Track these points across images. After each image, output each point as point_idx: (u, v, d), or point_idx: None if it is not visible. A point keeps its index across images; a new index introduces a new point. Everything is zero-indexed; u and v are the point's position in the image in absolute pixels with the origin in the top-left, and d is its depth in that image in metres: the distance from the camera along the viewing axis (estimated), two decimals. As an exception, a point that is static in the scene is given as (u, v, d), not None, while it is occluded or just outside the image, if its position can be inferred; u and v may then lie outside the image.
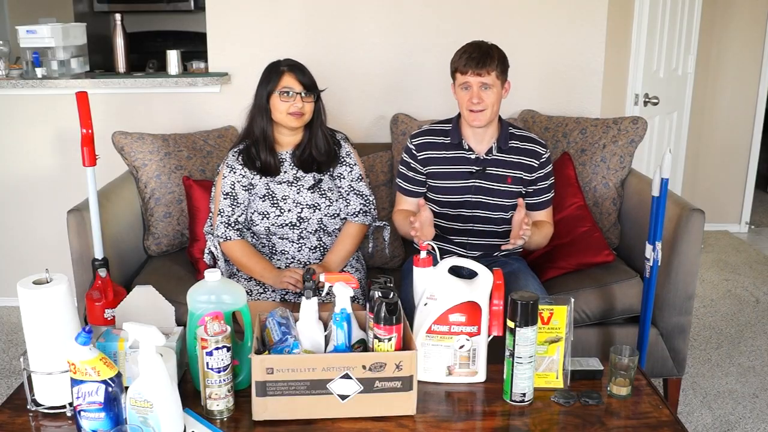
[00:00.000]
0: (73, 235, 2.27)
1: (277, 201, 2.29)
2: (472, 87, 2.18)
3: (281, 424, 1.55)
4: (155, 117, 3.11)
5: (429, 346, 1.73)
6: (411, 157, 2.34)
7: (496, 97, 2.20)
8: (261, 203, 2.29)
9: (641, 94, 3.49)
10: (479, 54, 2.16)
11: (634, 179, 2.68)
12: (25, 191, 3.27)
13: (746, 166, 4.56)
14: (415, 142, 2.34)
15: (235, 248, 2.29)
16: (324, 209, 2.30)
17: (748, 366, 2.92)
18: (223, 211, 2.28)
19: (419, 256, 1.79)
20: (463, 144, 2.30)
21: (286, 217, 2.28)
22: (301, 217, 2.29)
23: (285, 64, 2.27)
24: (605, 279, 2.40)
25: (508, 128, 2.31)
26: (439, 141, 2.32)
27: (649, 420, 1.59)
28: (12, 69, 3.23)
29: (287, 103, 2.23)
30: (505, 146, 2.29)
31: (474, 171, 2.29)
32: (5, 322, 3.29)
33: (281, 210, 2.28)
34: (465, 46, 2.22)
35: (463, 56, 2.19)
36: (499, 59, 2.18)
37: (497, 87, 2.19)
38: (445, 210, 2.34)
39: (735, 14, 4.31)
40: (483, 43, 2.22)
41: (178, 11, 5.28)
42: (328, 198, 2.31)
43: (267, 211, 2.29)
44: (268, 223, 2.29)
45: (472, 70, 2.16)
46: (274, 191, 2.30)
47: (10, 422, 1.56)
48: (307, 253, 2.33)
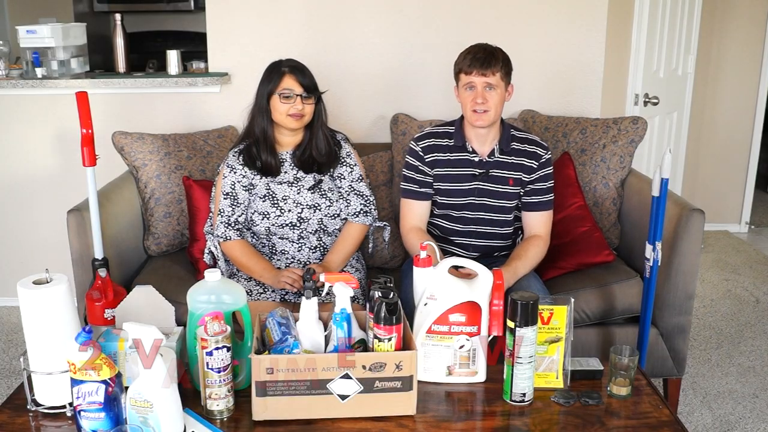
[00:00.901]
0: (73, 235, 2.27)
1: (277, 201, 2.29)
2: (476, 87, 2.18)
3: (281, 424, 1.55)
4: (155, 117, 3.11)
5: (429, 346, 1.73)
6: (418, 160, 2.33)
7: (500, 98, 2.20)
8: (261, 203, 2.29)
9: (641, 94, 3.49)
10: (484, 54, 2.17)
11: (634, 179, 2.68)
12: (25, 191, 3.27)
13: (746, 166, 4.56)
14: (422, 145, 2.33)
15: (234, 248, 2.29)
16: (324, 209, 2.30)
17: (748, 366, 2.92)
18: (223, 211, 2.29)
19: (419, 256, 1.79)
20: (466, 146, 2.29)
21: (286, 218, 2.28)
22: (302, 218, 2.29)
23: (286, 65, 2.26)
24: (605, 279, 2.40)
25: (510, 130, 2.31)
26: (443, 143, 2.31)
27: (649, 420, 1.59)
28: (12, 69, 3.23)
29: (287, 104, 2.23)
30: (507, 148, 2.28)
31: (477, 173, 2.28)
32: (5, 322, 3.29)
33: (281, 210, 2.28)
34: (469, 47, 2.23)
35: (468, 57, 2.19)
36: (503, 61, 2.19)
37: (501, 88, 2.19)
38: (448, 212, 2.34)
39: (735, 14, 4.31)
40: (487, 45, 2.22)
41: (178, 11, 5.28)
42: (328, 198, 2.31)
43: (267, 211, 2.29)
44: (269, 223, 2.29)
45: (476, 70, 2.16)
46: (274, 191, 2.30)
47: (10, 422, 1.56)
48: (307, 253, 2.33)
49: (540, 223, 2.31)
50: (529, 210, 2.31)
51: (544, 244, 2.29)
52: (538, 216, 2.31)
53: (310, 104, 2.26)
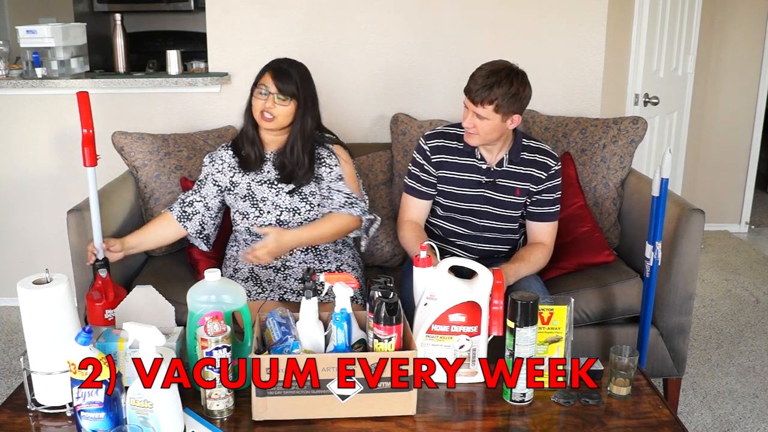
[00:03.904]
0: (73, 235, 2.27)
1: (257, 202, 2.28)
2: (468, 110, 2.13)
3: (281, 424, 1.55)
4: (155, 117, 3.11)
5: (429, 346, 1.73)
6: (425, 159, 2.31)
7: (490, 128, 2.11)
8: (242, 203, 2.29)
9: (641, 94, 3.49)
10: (482, 84, 2.06)
11: (634, 179, 2.68)
12: (25, 191, 3.27)
13: (746, 166, 4.56)
14: (431, 144, 2.30)
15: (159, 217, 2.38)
16: (304, 214, 2.27)
17: (748, 366, 2.92)
18: (186, 191, 2.39)
19: (419, 256, 1.79)
20: (475, 153, 2.26)
21: (265, 219, 2.27)
22: (281, 220, 2.27)
23: (274, 64, 2.26)
24: (605, 279, 2.40)
25: (522, 140, 2.26)
26: (453, 146, 2.28)
27: (649, 420, 1.59)
28: (12, 69, 3.23)
29: (260, 101, 2.23)
30: (516, 159, 2.25)
31: (484, 181, 2.27)
32: (5, 322, 3.29)
33: (260, 211, 2.28)
34: (483, 66, 2.12)
35: (471, 79, 2.11)
36: (503, 95, 2.05)
37: (495, 120, 2.09)
38: (451, 214, 2.33)
39: (735, 14, 4.31)
40: (501, 69, 2.08)
41: (178, 11, 5.28)
42: (309, 203, 2.28)
43: (247, 211, 2.28)
44: (248, 223, 2.28)
45: (468, 97, 2.11)
46: (254, 192, 2.29)
47: (10, 422, 1.56)
48: (287, 257, 2.30)
49: (545, 233, 2.29)
50: (534, 220, 2.30)
51: (548, 251, 2.29)
52: (543, 226, 2.29)
53: (284, 106, 2.22)
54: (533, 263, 2.22)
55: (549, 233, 2.30)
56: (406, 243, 2.29)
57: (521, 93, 2.09)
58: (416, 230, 2.29)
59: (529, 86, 2.13)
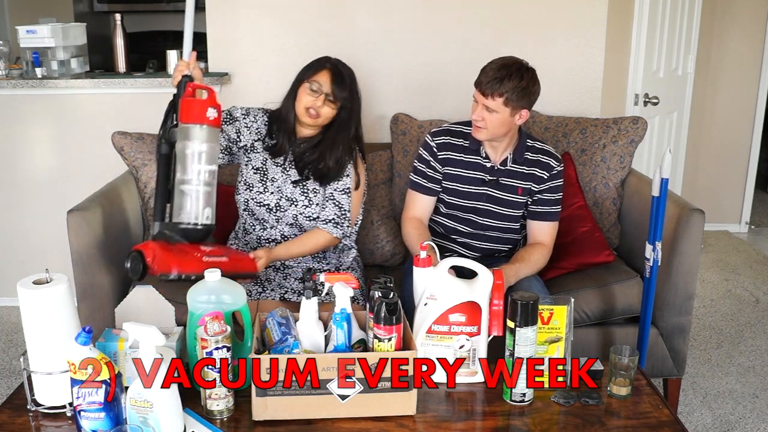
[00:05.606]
0: (73, 236, 2.26)
1: (266, 179, 2.28)
2: (477, 104, 2.15)
3: (281, 424, 1.55)
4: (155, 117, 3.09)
5: (429, 346, 1.73)
6: (431, 155, 2.32)
7: (499, 121, 2.13)
8: (252, 174, 2.28)
9: (641, 94, 3.49)
10: (492, 77, 2.08)
11: (634, 179, 2.68)
12: (25, 191, 3.27)
13: (746, 166, 4.56)
14: (437, 141, 2.31)
15: None
16: (300, 207, 2.27)
17: (748, 366, 2.92)
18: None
19: (419, 256, 1.79)
20: (480, 151, 2.27)
21: (265, 197, 2.27)
22: (279, 205, 2.27)
23: (333, 62, 2.25)
24: (605, 279, 2.40)
25: (526, 140, 2.28)
26: (459, 143, 2.30)
27: (649, 420, 1.59)
28: (12, 69, 3.23)
29: (311, 97, 2.19)
30: (520, 158, 2.26)
31: (487, 180, 2.28)
32: (5, 322, 3.29)
33: (265, 188, 2.27)
34: (494, 60, 2.14)
35: (482, 72, 2.13)
36: (513, 89, 2.07)
37: (503, 113, 2.11)
38: (454, 212, 2.33)
39: (735, 14, 4.31)
40: (510, 65, 2.11)
41: (178, 11, 5.27)
42: (308, 198, 2.27)
43: (253, 183, 2.28)
44: (249, 195, 2.28)
45: (479, 89, 2.12)
46: (267, 168, 2.29)
47: (10, 422, 1.56)
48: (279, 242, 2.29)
49: (545, 233, 2.30)
50: (534, 219, 2.30)
51: (547, 252, 2.29)
52: (543, 225, 2.30)
53: (332, 108, 2.21)
54: (533, 263, 2.22)
55: (549, 233, 2.30)
56: (409, 240, 2.29)
57: (531, 87, 2.12)
58: (419, 227, 2.29)
59: (539, 83, 2.16)
